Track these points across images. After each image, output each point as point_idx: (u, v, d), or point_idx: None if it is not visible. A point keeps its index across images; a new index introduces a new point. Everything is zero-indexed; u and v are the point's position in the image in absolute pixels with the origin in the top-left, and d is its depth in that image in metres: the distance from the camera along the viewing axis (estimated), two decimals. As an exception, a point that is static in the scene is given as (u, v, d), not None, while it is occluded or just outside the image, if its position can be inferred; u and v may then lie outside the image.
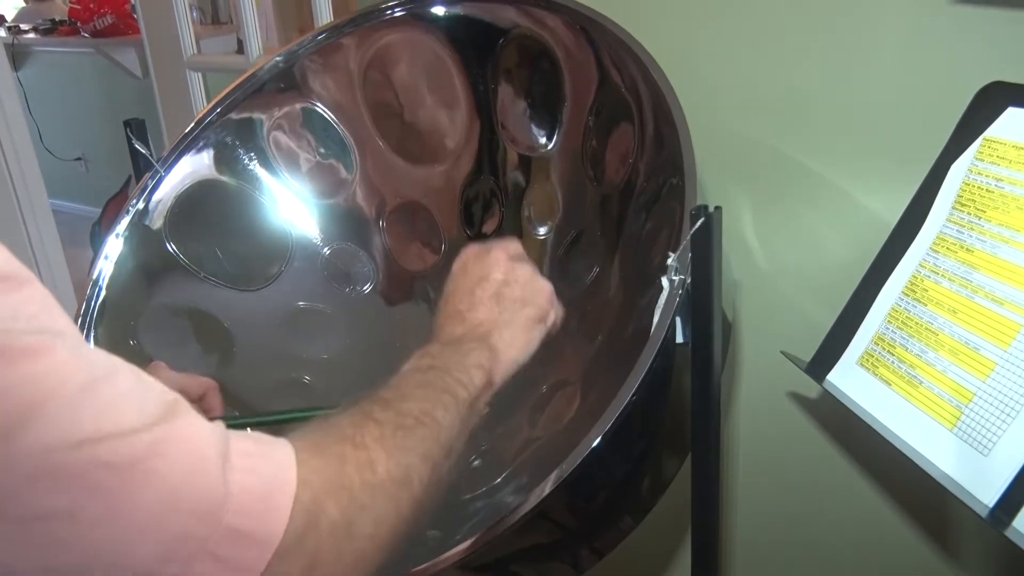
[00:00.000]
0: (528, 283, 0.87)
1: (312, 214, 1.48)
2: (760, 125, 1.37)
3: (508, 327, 0.83)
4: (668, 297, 0.88)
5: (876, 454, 1.41)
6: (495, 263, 0.86)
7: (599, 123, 1.29)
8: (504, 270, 0.86)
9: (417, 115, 1.48)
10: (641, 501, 1.09)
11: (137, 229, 1.32)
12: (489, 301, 0.84)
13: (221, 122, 1.38)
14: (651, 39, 1.16)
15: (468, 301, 0.84)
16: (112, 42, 4.36)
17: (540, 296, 0.87)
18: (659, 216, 1.16)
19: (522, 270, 0.87)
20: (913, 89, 1.23)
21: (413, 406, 0.70)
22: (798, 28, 1.30)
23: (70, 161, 5.03)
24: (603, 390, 1.08)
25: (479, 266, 0.86)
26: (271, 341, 1.42)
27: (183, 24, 2.32)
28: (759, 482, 1.60)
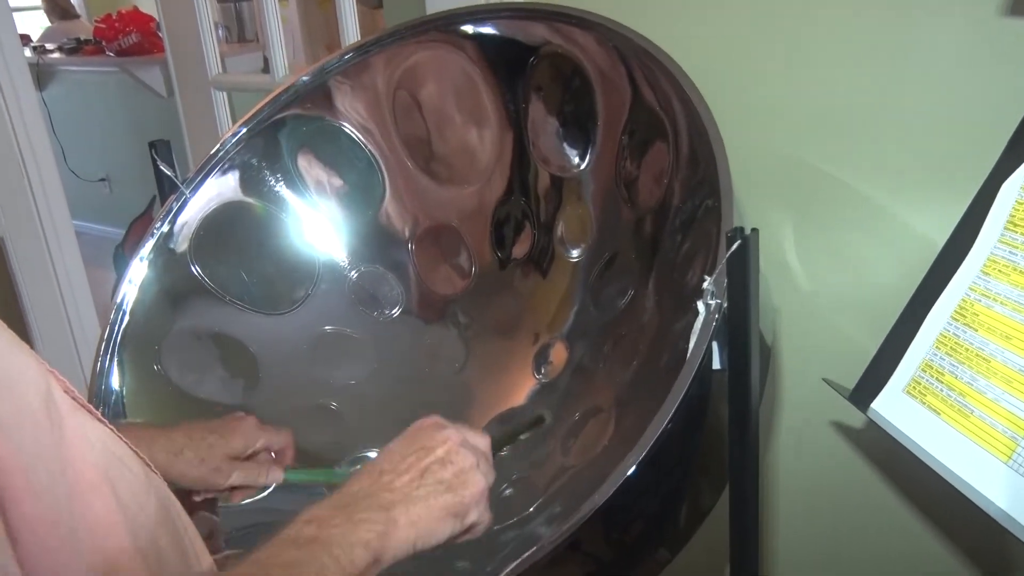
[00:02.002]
0: (463, 472, 0.83)
1: (339, 236, 1.51)
2: (801, 143, 1.37)
3: (420, 504, 0.79)
4: (704, 322, 0.88)
5: (925, 487, 1.40)
6: (443, 440, 0.84)
7: (633, 142, 1.30)
8: (447, 449, 0.84)
9: (446, 135, 1.50)
10: (678, 532, 1.10)
11: (162, 252, 1.35)
12: (415, 472, 0.81)
13: (247, 142, 1.42)
14: (684, 55, 1.17)
15: (394, 464, 0.82)
16: (137, 61, 4.44)
17: (468, 489, 0.82)
18: (695, 238, 1.16)
19: (466, 458, 0.84)
20: (962, 105, 1.23)
21: None
22: (840, 41, 1.30)
23: (94, 182, 5.12)
24: (638, 417, 1.08)
25: (426, 437, 0.84)
26: (297, 366, 1.44)
27: (208, 42, 2.35)
28: (800, 515, 1.59)
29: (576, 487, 1.16)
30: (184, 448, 1.05)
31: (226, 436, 1.10)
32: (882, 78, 1.28)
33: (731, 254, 0.84)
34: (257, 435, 1.13)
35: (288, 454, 1.19)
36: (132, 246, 1.34)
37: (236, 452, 1.10)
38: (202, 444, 1.07)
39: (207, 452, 1.07)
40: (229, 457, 1.09)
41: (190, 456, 1.05)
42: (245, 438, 1.11)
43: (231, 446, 1.10)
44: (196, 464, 1.05)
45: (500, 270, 1.50)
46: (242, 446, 1.11)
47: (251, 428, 1.13)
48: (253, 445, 1.12)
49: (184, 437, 1.06)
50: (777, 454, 1.58)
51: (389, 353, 1.50)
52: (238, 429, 1.11)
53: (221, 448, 1.08)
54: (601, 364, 1.33)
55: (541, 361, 1.42)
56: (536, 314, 1.46)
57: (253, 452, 1.13)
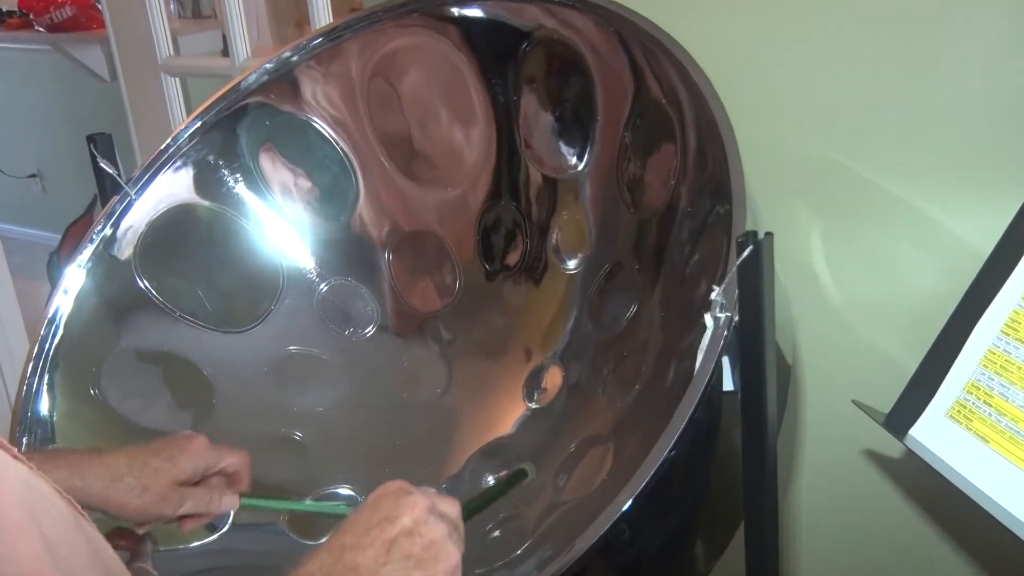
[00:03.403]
0: (434, 544, 0.84)
1: (306, 245, 1.52)
2: (828, 140, 1.39)
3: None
4: (712, 337, 0.90)
5: (971, 525, 1.41)
6: (409, 507, 0.84)
7: (636, 139, 1.32)
8: (415, 518, 0.84)
9: (428, 131, 1.52)
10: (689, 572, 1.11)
11: (103, 260, 1.35)
12: (380, 546, 0.82)
13: (202, 137, 1.43)
14: (693, 42, 1.18)
15: (357, 537, 0.82)
16: (73, 38, 4.28)
17: (441, 564, 0.83)
18: (706, 248, 1.18)
19: (436, 527, 0.84)
20: (1006, 98, 1.25)
21: None
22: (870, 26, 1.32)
23: (23, 179, 5.04)
24: (639, 446, 1.10)
25: (393, 504, 0.85)
26: (257, 391, 1.45)
27: (157, 18, 2.30)
28: (826, 559, 1.60)
29: (569, 526, 1.17)
30: (124, 475, 1.05)
31: (173, 459, 1.09)
32: (917, 68, 1.30)
33: (742, 261, 0.85)
34: (208, 457, 1.12)
35: (244, 477, 1.18)
36: (68, 253, 1.35)
37: (185, 477, 1.10)
38: (145, 470, 1.06)
39: (151, 479, 1.06)
40: (176, 483, 1.09)
41: (131, 483, 1.05)
42: (195, 461, 1.11)
43: (179, 470, 1.09)
44: (138, 493, 1.05)
45: (487, 283, 1.52)
46: (191, 470, 1.10)
47: (201, 449, 1.12)
48: (204, 468, 1.12)
49: (124, 462, 1.06)
50: (799, 489, 1.58)
51: (362, 377, 1.51)
52: (187, 450, 1.11)
53: (167, 473, 1.08)
54: (600, 388, 1.34)
55: (533, 386, 1.44)
56: (527, 332, 1.47)
57: (204, 477, 1.13)
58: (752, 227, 0.93)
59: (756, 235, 0.86)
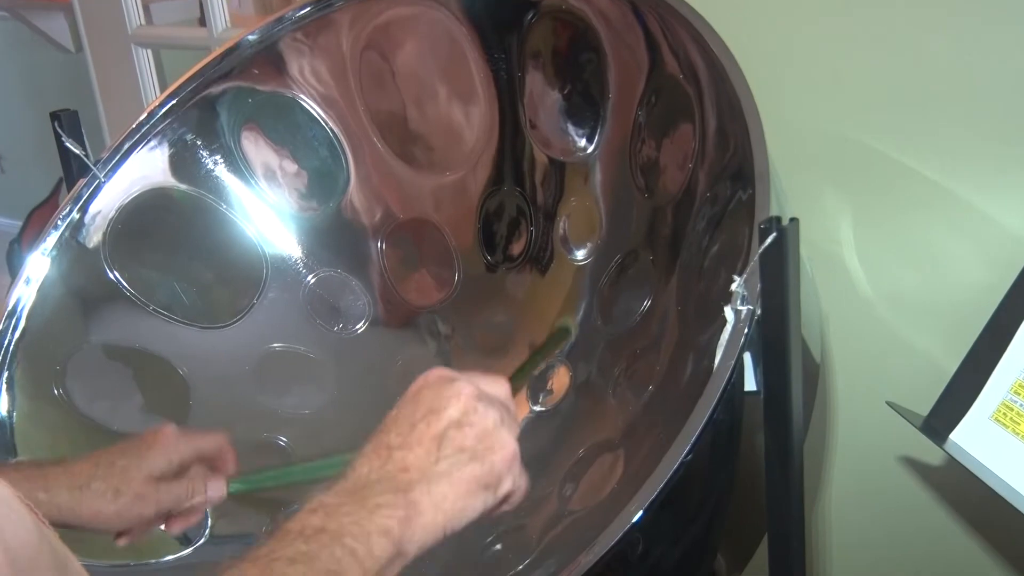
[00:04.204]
0: (487, 434, 0.83)
1: (292, 233, 1.52)
2: (860, 119, 1.38)
3: (442, 481, 0.80)
4: (733, 332, 0.89)
5: (1020, 538, 1.40)
6: (455, 396, 0.83)
7: (651, 119, 1.32)
8: (463, 408, 0.83)
9: (425, 110, 1.51)
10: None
11: (69, 247, 1.35)
12: (429, 442, 0.81)
13: (178, 115, 1.42)
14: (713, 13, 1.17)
15: (403, 436, 0.81)
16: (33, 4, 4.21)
17: (498, 454, 0.83)
18: (727, 236, 1.17)
19: (486, 415, 0.83)
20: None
21: None
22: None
23: None
24: (652, 452, 1.09)
25: (435, 395, 0.84)
26: (238, 392, 1.45)
27: None
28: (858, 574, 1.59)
29: (576, 538, 1.17)
30: (91, 479, 1.04)
31: (141, 455, 1.08)
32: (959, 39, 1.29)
33: (765, 249, 0.84)
34: (181, 445, 1.11)
35: (228, 460, 1.17)
36: (31, 241, 1.35)
37: (159, 471, 1.08)
38: (112, 471, 1.05)
39: (121, 479, 1.05)
40: (151, 479, 1.07)
41: (100, 488, 1.04)
42: (166, 452, 1.10)
43: (151, 465, 1.08)
44: (111, 497, 1.04)
45: (489, 275, 1.52)
46: (165, 462, 1.09)
47: (171, 438, 1.11)
48: (179, 459, 1.11)
49: (90, 467, 1.05)
50: (829, 499, 1.58)
51: (352, 376, 1.51)
52: (155, 443, 1.10)
53: (138, 470, 1.07)
54: (610, 389, 1.34)
55: (538, 386, 1.43)
56: (532, 329, 1.47)
57: (182, 467, 1.12)
58: (776, 213, 0.93)
59: (780, 221, 0.85)
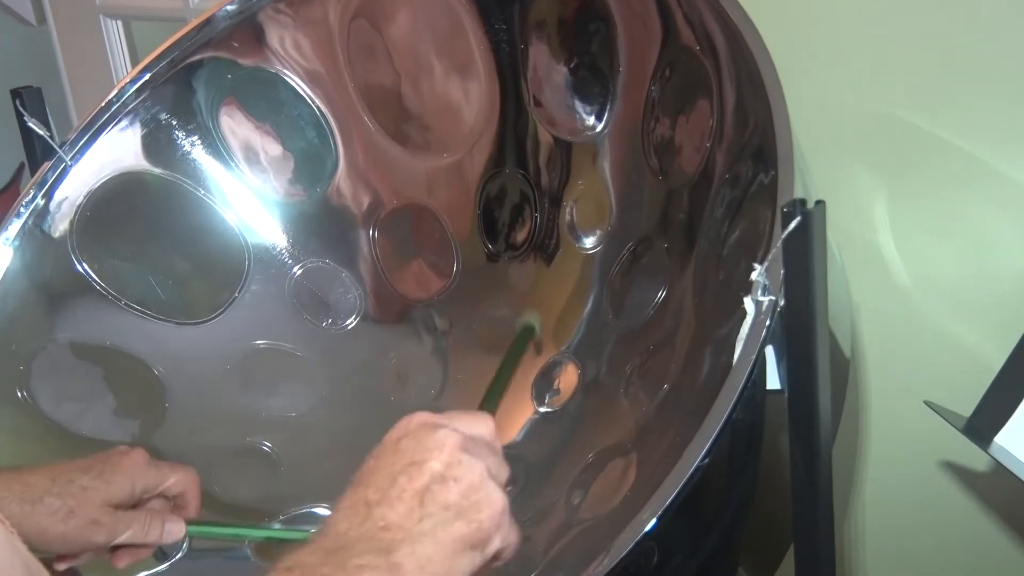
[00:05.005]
0: (473, 489, 0.82)
1: (276, 221, 1.52)
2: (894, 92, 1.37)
3: (426, 541, 0.79)
4: (753, 325, 0.89)
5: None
6: (438, 448, 0.82)
7: (665, 94, 1.31)
8: (447, 460, 0.82)
9: (420, 86, 1.51)
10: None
11: (32, 237, 1.35)
12: (411, 498, 0.80)
13: (151, 92, 1.42)
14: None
15: (383, 491, 0.80)
16: None
17: (485, 512, 0.82)
18: (748, 221, 1.17)
19: (472, 468, 0.82)
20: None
21: None
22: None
23: None
24: (667, 455, 1.09)
25: (416, 446, 0.83)
26: (218, 394, 1.45)
27: None
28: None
29: (586, 549, 1.17)
30: (45, 494, 1.03)
31: (104, 477, 1.07)
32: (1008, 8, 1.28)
33: (788, 234, 0.84)
34: (148, 475, 1.11)
35: (191, 500, 1.17)
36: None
37: (119, 499, 1.08)
38: (70, 488, 1.04)
39: (78, 499, 1.04)
40: (109, 505, 1.07)
41: (54, 505, 1.03)
42: (131, 479, 1.09)
43: (112, 490, 1.07)
44: (62, 516, 1.03)
45: (490, 265, 1.52)
46: (127, 490, 1.09)
47: (139, 465, 1.11)
48: (142, 489, 1.11)
49: (46, 481, 1.04)
50: (861, 508, 1.58)
51: (342, 376, 1.51)
52: (121, 467, 1.09)
53: (97, 494, 1.06)
54: (622, 388, 1.34)
55: (543, 386, 1.44)
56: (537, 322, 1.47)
57: (143, 497, 1.12)
58: (802, 195, 0.92)
59: (804, 204, 0.85)
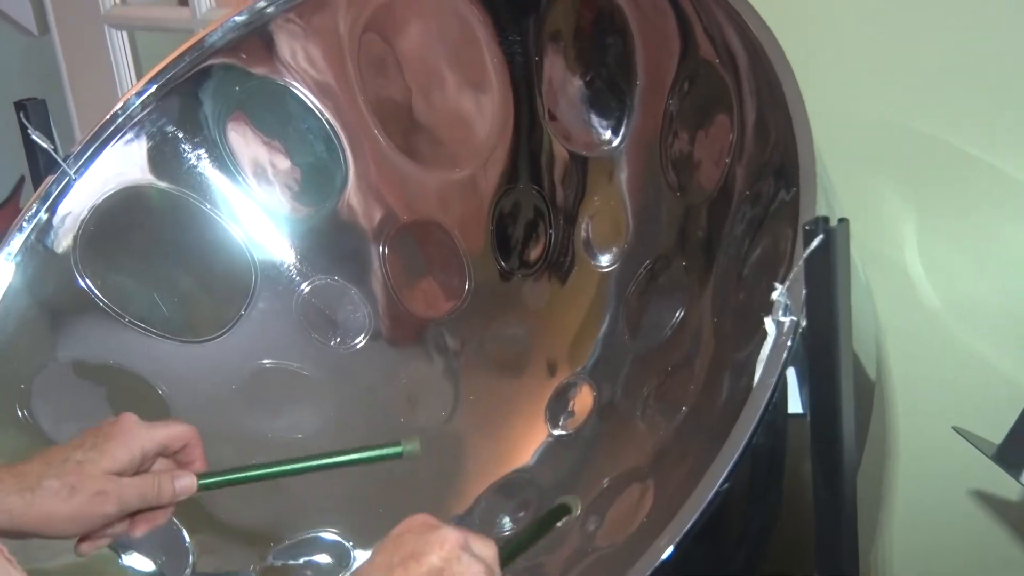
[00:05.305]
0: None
1: (284, 237, 1.52)
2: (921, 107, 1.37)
3: None
4: (774, 346, 0.88)
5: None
6: (439, 543, 0.85)
7: (683, 108, 1.31)
8: (447, 555, 0.84)
9: (432, 99, 1.51)
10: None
11: (35, 252, 1.35)
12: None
13: (157, 104, 1.42)
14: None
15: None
16: None
17: None
18: (768, 239, 1.16)
19: (470, 567, 0.85)
20: None
21: None
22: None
23: None
24: (685, 481, 1.08)
25: (417, 540, 0.86)
26: (223, 414, 1.44)
27: None
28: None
29: (605, 578, 1.17)
30: (41, 478, 1.02)
31: (99, 447, 1.06)
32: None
33: (810, 253, 0.83)
34: (143, 437, 1.09)
35: (195, 453, 1.15)
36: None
37: (120, 467, 1.06)
38: (66, 466, 1.03)
39: (77, 474, 1.03)
40: (111, 474, 1.05)
41: (53, 486, 1.01)
42: (127, 445, 1.07)
43: (110, 459, 1.05)
44: (65, 496, 1.02)
45: (503, 283, 1.52)
46: (126, 457, 1.07)
47: (132, 429, 1.08)
48: (141, 453, 1.09)
49: (40, 466, 1.03)
50: (889, 539, 1.57)
51: (350, 396, 1.51)
52: (114, 435, 1.07)
53: (95, 465, 1.04)
54: (638, 411, 1.33)
55: (558, 408, 1.43)
56: (551, 343, 1.47)
57: (144, 461, 1.10)
58: (825, 212, 0.92)
59: (827, 221, 0.84)
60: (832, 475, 0.89)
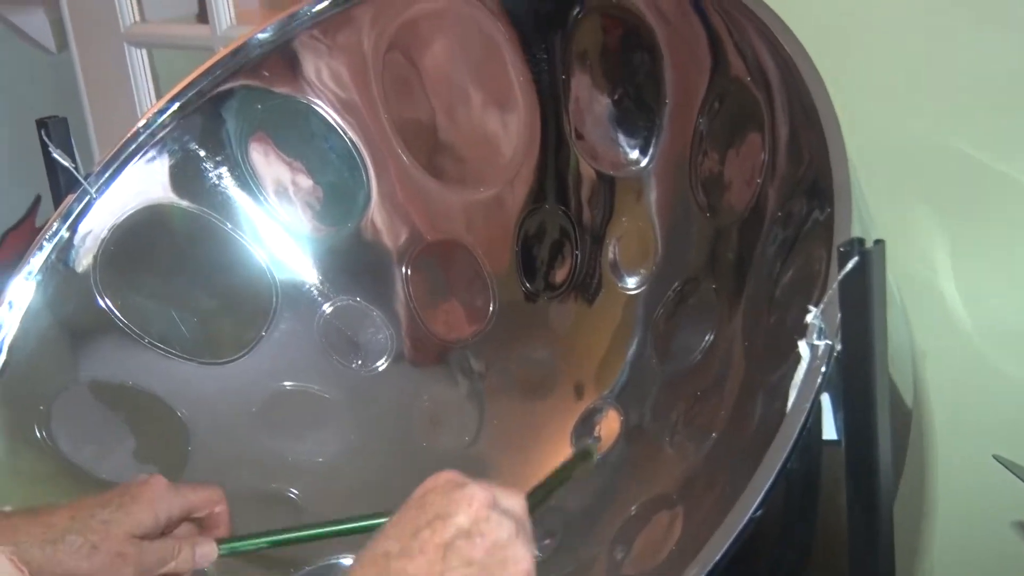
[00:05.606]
0: (500, 547, 0.83)
1: (306, 257, 1.53)
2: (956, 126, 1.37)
3: None
4: (808, 371, 0.88)
5: None
6: (464, 501, 0.83)
7: (714, 127, 1.31)
8: (474, 515, 0.83)
9: (456, 118, 1.52)
10: None
11: (55, 271, 1.36)
12: (433, 551, 0.81)
13: (179, 122, 1.43)
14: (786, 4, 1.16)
15: (403, 543, 0.82)
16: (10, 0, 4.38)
17: (511, 569, 0.83)
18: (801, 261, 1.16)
19: (500, 525, 0.84)
20: None
21: None
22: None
23: None
24: (715, 508, 1.08)
25: (443, 500, 0.84)
26: (243, 437, 1.45)
27: None
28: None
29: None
30: (66, 532, 1.03)
31: (125, 508, 1.07)
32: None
33: (846, 275, 0.83)
34: (170, 501, 1.11)
35: (220, 520, 1.17)
36: (5, 267, 1.34)
37: (144, 529, 1.08)
38: (91, 524, 1.05)
39: (100, 534, 1.04)
40: (134, 537, 1.07)
41: (76, 542, 1.03)
42: (153, 507, 1.09)
43: (134, 521, 1.07)
44: (86, 553, 1.03)
45: (528, 305, 1.52)
46: (151, 520, 1.08)
47: (160, 492, 1.10)
48: (166, 516, 1.10)
49: (65, 519, 1.04)
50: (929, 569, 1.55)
51: (371, 419, 1.51)
52: (141, 496, 1.09)
53: (120, 526, 1.06)
54: (667, 437, 1.33)
55: (584, 433, 1.42)
56: (577, 367, 1.46)
57: (168, 525, 1.11)
58: (860, 234, 0.91)
59: (863, 243, 0.84)
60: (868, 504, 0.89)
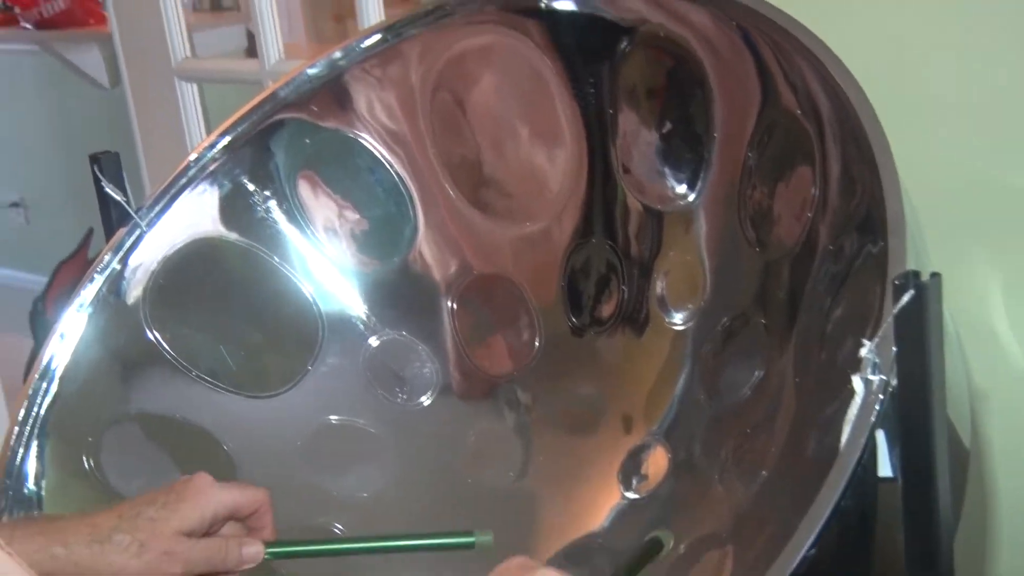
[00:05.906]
0: None
1: (353, 290, 1.54)
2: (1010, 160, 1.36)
3: None
4: (863, 406, 0.87)
5: None
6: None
7: (763, 161, 1.32)
8: None
9: (504, 152, 1.53)
10: None
11: (106, 304, 1.38)
12: None
13: (229, 156, 1.45)
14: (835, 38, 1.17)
15: None
16: (66, 36, 4.35)
17: None
18: (854, 296, 1.16)
19: None
20: None
21: None
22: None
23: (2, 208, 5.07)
24: (767, 547, 1.08)
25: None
26: (288, 471, 1.46)
27: (172, 10, 2.34)
28: None
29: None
30: (114, 532, 1.05)
31: (171, 506, 1.09)
32: None
33: (901, 309, 0.83)
34: (217, 499, 1.12)
35: (266, 520, 1.18)
36: (58, 299, 1.37)
37: (190, 527, 1.09)
38: (138, 522, 1.06)
39: (148, 532, 1.06)
40: (181, 535, 1.08)
41: (124, 540, 1.05)
42: (200, 506, 1.10)
43: (181, 519, 1.08)
44: (135, 551, 1.05)
45: (575, 340, 1.52)
46: (197, 517, 1.10)
47: (206, 490, 1.12)
48: (212, 514, 1.12)
49: (112, 519, 1.06)
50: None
51: (417, 454, 1.51)
52: (188, 495, 1.10)
53: (167, 524, 1.07)
54: (716, 474, 1.33)
55: (631, 469, 1.43)
56: (624, 403, 1.47)
57: (215, 524, 1.13)
58: (915, 267, 0.92)
59: (919, 275, 0.84)
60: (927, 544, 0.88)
